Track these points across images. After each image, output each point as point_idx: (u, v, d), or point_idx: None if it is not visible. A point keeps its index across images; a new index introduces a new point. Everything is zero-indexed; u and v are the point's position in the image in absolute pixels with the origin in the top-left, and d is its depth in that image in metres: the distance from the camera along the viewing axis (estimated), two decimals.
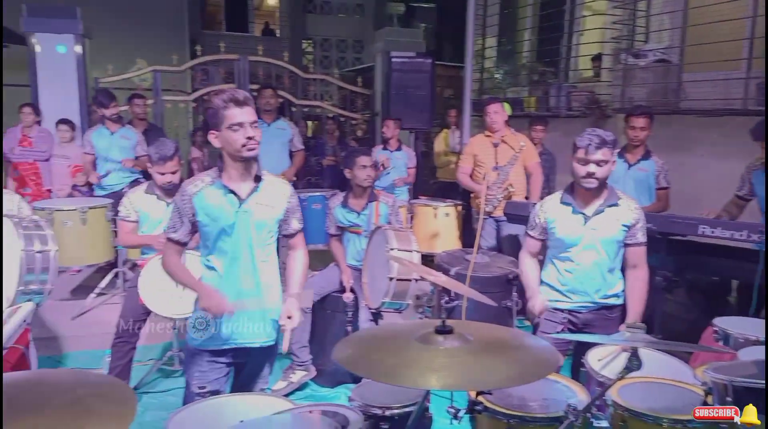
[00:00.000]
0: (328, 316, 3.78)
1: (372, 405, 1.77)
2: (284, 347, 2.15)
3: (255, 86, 6.86)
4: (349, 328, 3.70)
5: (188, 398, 2.23)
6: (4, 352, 2.17)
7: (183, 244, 2.21)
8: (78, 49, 6.24)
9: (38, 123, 5.86)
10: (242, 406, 1.81)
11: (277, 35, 16.66)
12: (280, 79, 7.26)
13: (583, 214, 2.62)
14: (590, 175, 2.51)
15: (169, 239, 2.19)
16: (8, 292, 2.89)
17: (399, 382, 1.22)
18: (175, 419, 1.79)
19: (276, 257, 2.30)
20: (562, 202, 2.69)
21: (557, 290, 2.75)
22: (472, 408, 1.89)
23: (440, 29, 12.72)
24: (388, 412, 1.77)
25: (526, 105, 6.42)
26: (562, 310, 2.74)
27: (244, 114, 2.05)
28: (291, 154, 5.47)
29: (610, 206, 2.61)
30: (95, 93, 5.80)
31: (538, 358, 1.32)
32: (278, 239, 2.34)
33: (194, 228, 2.18)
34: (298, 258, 2.36)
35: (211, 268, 2.20)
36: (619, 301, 2.74)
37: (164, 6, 11.96)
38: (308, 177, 8.01)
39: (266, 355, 2.29)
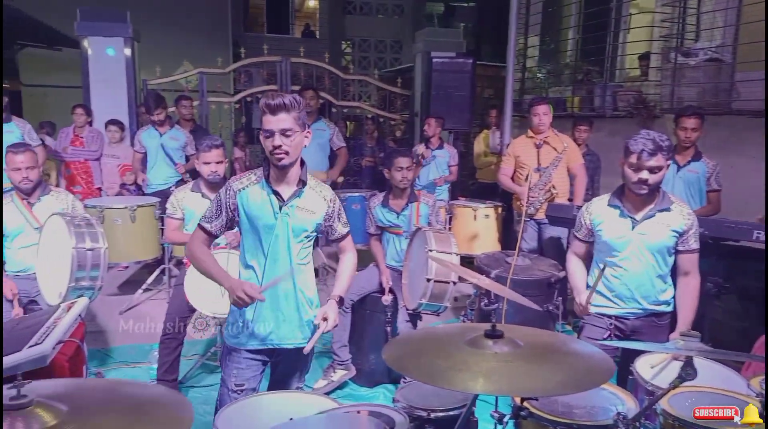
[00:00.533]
0: (368, 316, 3.80)
1: (417, 407, 1.77)
2: (306, 348, 2.13)
3: (296, 87, 6.96)
4: (388, 329, 3.70)
5: (224, 396, 2.23)
6: (61, 345, 2.25)
7: (213, 237, 2.21)
8: (127, 51, 6.44)
9: (89, 123, 6.08)
10: (289, 403, 1.83)
11: (317, 36, 16.81)
12: (320, 80, 7.33)
13: (632, 217, 2.55)
14: (642, 181, 2.43)
15: (201, 227, 2.18)
16: (60, 288, 3.02)
17: (450, 386, 1.21)
18: (224, 415, 1.82)
19: (312, 260, 2.31)
20: (610, 205, 2.62)
21: (603, 295, 2.68)
22: (517, 413, 1.87)
23: (480, 29, 12.59)
24: (433, 415, 1.76)
25: (569, 105, 6.30)
26: (608, 316, 2.67)
27: (275, 121, 2.02)
28: (332, 154, 5.52)
29: (662, 211, 2.53)
30: (145, 96, 5.97)
31: (591, 365, 1.29)
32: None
33: (231, 224, 2.19)
34: (347, 261, 2.36)
35: (249, 267, 2.21)
36: (669, 309, 2.65)
37: (208, 8, 12.22)
38: (347, 177, 8.06)
39: (302, 356, 2.26)
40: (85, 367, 2.45)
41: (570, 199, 4.54)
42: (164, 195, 4.69)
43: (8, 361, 2.06)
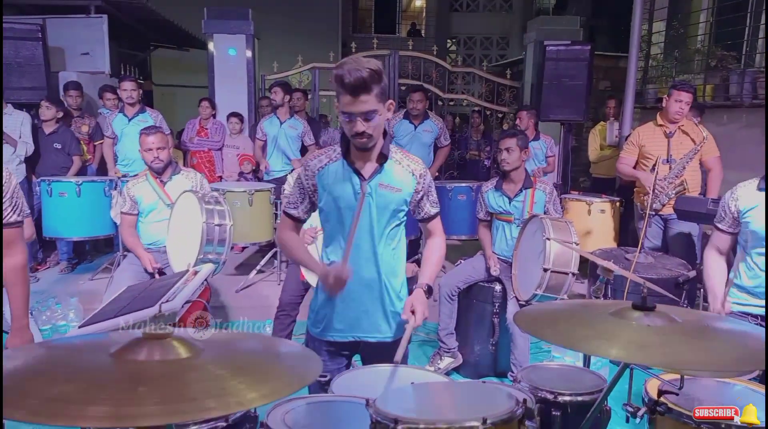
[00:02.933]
0: (474, 306, 3.70)
1: (541, 388, 1.66)
2: (397, 356, 1.86)
3: (404, 80, 7.00)
4: (496, 321, 3.59)
5: (311, 385, 2.00)
6: (190, 304, 2.39)
7: (301, 222, 2.10)
8: (248, 49, 6.80)
9: (213, 116, 6.48)
10: (405, 375, 1.79)
11: (422, 35, 16.85)
12: (427, 74, 7.31)
13: None
14: None
15: (287, 214, 2.09)
16: (189, 260, 3.22)
17: (595, 353, 1.11)
18: (338, 381, 1.82)
19: (404, 244, 2.12)
20: (761, 189, 2.34)
21: (746, 290, 2.40)
22: (653, 408, 1.70)
23: (595, 20, 11.97)
24: (560, 398, 1.65)
25: (701, 93, 5.77)
26: (752, 315, 2.38)
27: (356, 104, 1.79)
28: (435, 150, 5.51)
29: None
30: (275, 82, 6.28)
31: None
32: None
33: (313, 206, 2.08)
34: (433, 246, 2.12)
35: (331, 254, 2.07)
36: None
37: (320, 9, 12.71)
38: (450, 171, 7.97)
39: (388, 351, 2.00)
40: None
41: (702, 194, 4.16)
42: (280, 182, 4.89)
43: (142, 315, 2.22)
